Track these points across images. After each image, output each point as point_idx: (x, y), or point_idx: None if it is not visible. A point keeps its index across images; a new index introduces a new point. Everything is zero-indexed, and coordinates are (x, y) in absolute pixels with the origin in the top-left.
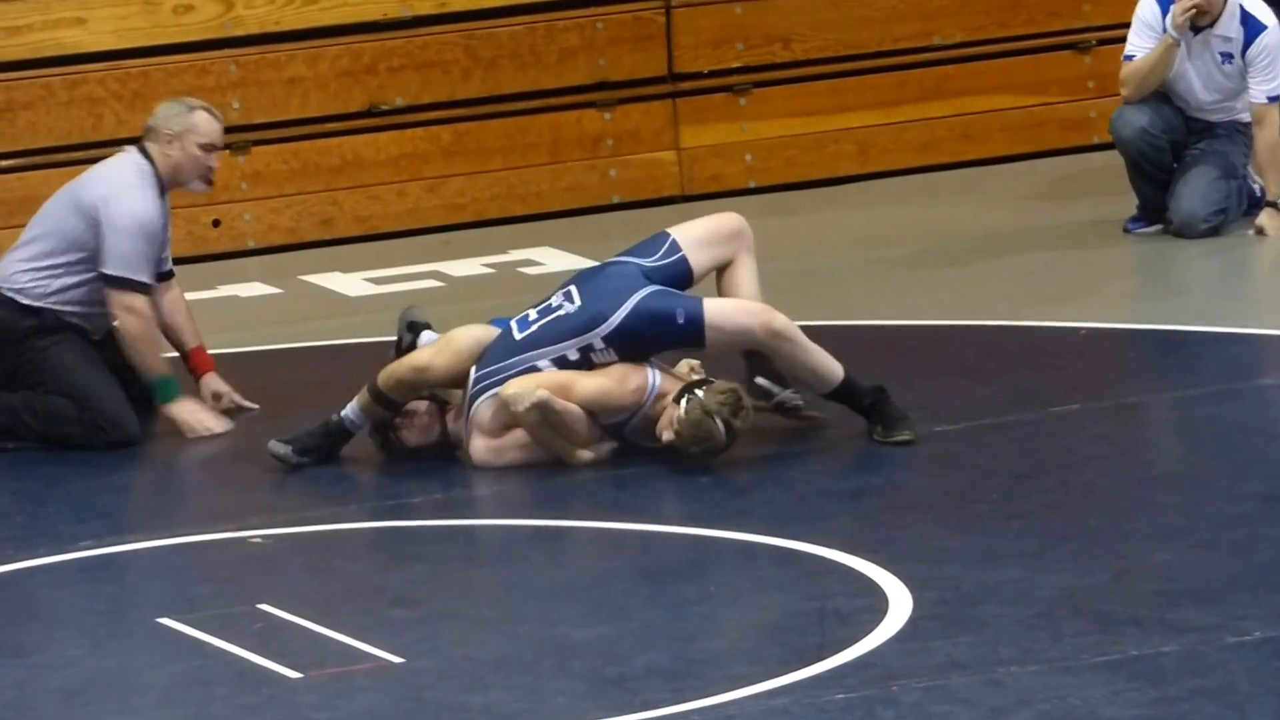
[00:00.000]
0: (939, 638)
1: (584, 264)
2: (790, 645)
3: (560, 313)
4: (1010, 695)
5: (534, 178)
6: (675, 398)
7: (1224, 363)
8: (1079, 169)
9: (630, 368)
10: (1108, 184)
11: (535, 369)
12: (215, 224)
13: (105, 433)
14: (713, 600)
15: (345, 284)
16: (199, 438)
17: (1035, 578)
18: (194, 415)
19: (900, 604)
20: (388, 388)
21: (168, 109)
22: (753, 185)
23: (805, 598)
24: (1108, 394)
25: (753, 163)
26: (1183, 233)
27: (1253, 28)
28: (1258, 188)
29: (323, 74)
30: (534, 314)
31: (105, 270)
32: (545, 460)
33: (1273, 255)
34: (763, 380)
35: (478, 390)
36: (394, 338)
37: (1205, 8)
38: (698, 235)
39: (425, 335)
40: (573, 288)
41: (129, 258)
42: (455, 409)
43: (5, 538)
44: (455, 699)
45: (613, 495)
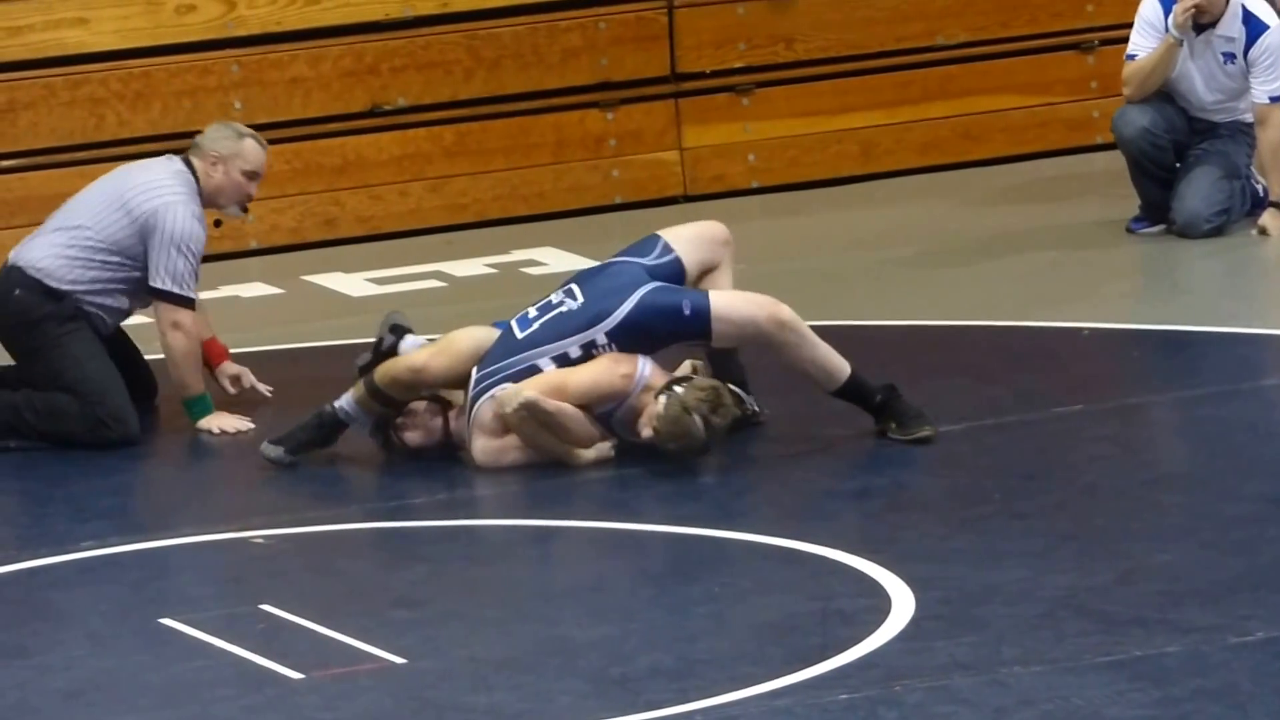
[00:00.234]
0: (942, 638)
1: (586, 264)
2: (793, 645)
3: (562, 309)
4: (1013, 695)
5: (536, 178)
6: (657, 394)
7: (1227, 363)
8: (1082, 169)
9: (621, 355)
10: (1110, 184)
11: (536, 368)
12: (217, 224)
13: (107, 428)
14: (716, 600)
15: (347, 284)
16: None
17: (1038, 578)
18: (224, 423)
19: (903, 604)
20: (384, 385)
21: (217, 131)
22: (755, 185)
23: (808, 598)
24: (1111, 394)
25: (755, 163)
26: (1186, 233)
27: (1255, 28)
28: (1260, 188)
29: (325, 74)
30: (534, 312)
31: (155, 284)
32: (547, 461)
33: (1276, 255)
34: (732, 388)
35: (479, 390)
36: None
37: (1206, 7)
38: (688, 236)
39: (409, 340)
40: (574, 285)
41: (179, 274)
42: (458, 409)
43: (8, 538)
44: (458, 699)
45: (616, 495)
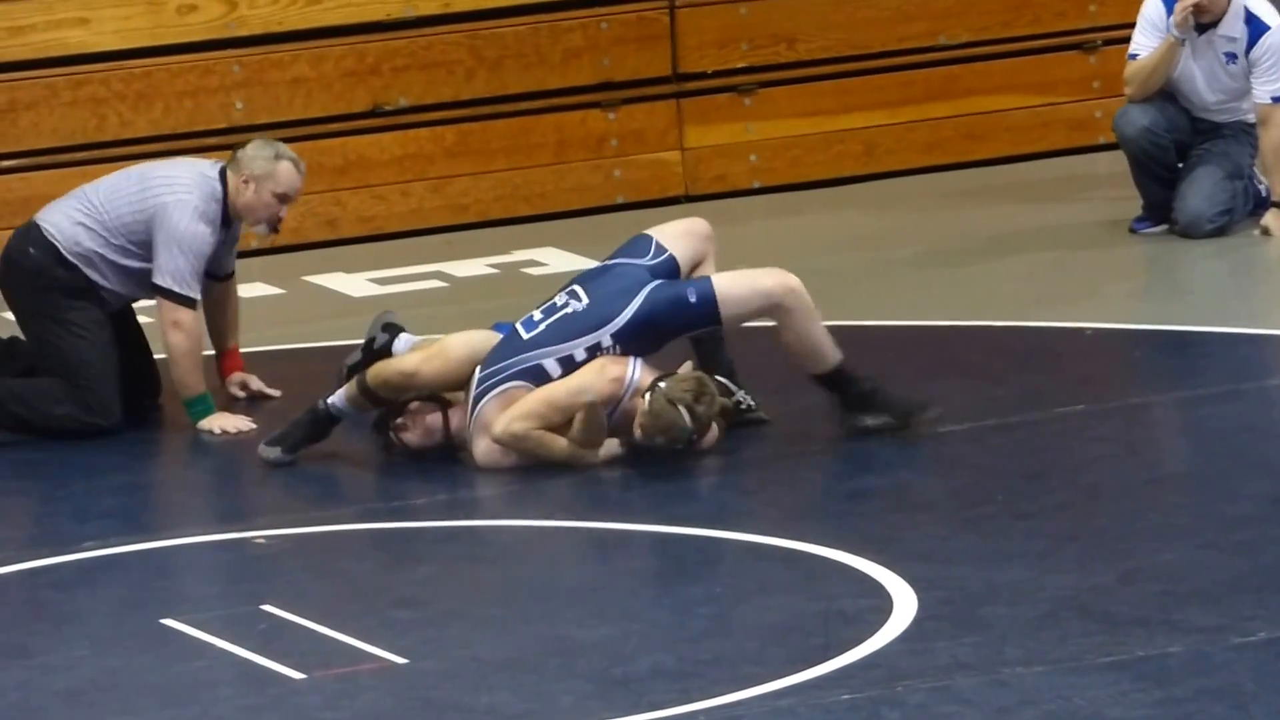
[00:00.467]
0: (944, 638)
1: (588, 264)
2: (795, 646)
3: (567, 310)
4: (1015, 696)
5: (538, 178)
6: (643, 393)
7: (1230, 363)
8: (1084, 169)
9: (611, 359)
10: (1113, 184)
11: (541, 368)
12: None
13: (92, 413)
14: (718, 601)
15: (349, 284)
16: (208, 435)
17: (1041, 578)
18: (225, 423)
19: (905, 605)
20: (375, 385)
21: (256, 149)
22: (757, 185)
23: (810, 598)
24: (1114, 394)
25: (758, 163)
26: (1188, 233)
27: (1257, 28)
28: (1263, 188)
29: (326, 74)
30: (539, 314)
31: (156, 281)
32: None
33: (1278, 255)
34: (719, 379)
35: (482, 390)
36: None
37: (1206, 6)
38: (677, 233)
39: (402, 339)
40: (577, 287)
41: (179, 273)
42: (459, 410)
43: (10, 539)
44: (460, 700)
45: (618, 495)
